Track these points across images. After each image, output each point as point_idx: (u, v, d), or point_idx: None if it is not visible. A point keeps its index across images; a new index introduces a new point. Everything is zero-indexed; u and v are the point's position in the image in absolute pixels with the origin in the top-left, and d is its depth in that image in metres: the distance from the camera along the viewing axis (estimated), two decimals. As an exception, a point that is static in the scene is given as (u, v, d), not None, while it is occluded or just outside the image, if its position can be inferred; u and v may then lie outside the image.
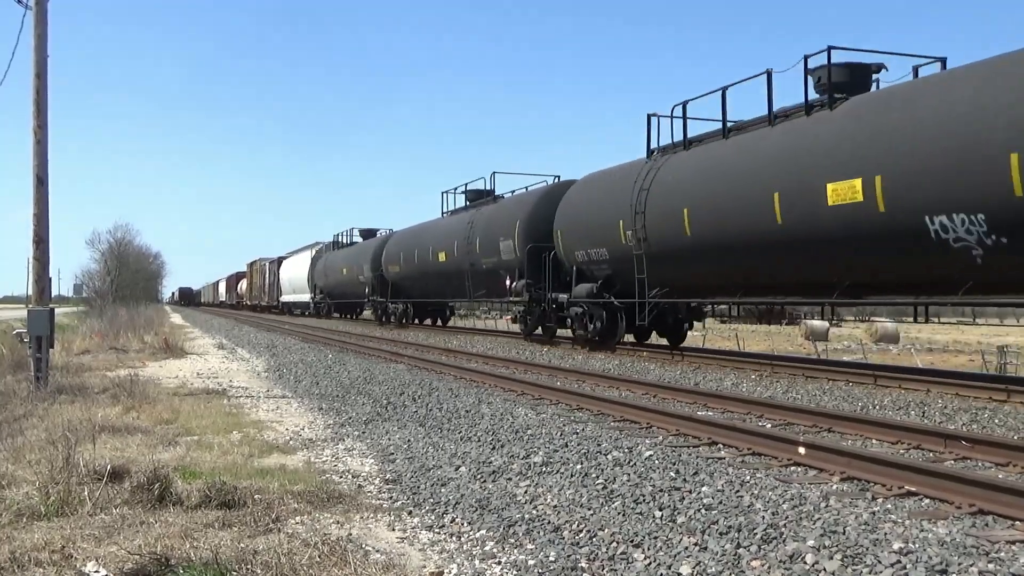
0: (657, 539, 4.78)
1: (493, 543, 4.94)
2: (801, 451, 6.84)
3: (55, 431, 7.46)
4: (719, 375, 13.75)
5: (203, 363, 19.23)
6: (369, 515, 5.59)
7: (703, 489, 5.80)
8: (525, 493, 6.03)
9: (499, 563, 4.59)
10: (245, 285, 78.04)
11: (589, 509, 5.52)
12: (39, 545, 4.68)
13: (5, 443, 7.78)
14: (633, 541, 4.78)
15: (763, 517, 5.04)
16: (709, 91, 16.04)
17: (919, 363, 25.42)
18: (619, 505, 5.55)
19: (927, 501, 5.53)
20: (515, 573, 4.43)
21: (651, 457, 6.91)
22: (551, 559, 4.56)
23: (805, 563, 4.24)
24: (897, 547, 4.37)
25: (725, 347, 17.64)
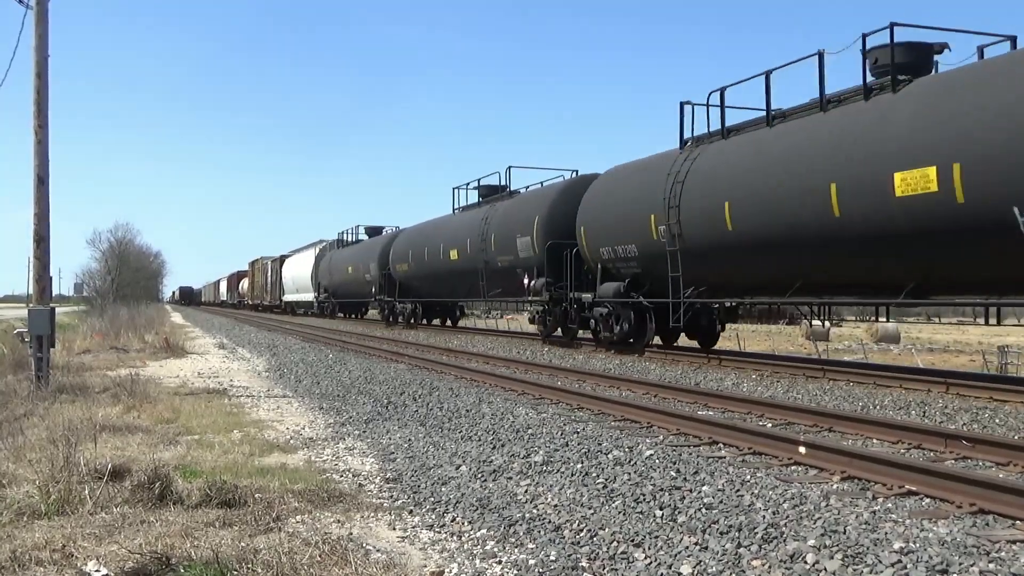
0: (658, 538, 4.78)
1: (494, 542, 4.94)
2: (802, 450, 6.84)
3: (56, 430, 7.46)
4: (719, 375, 13.75)
5: (204, 362, 19.24)
6: (370, 514, 5.59)
7: (704, 488, 5.80)
8: (526, 492, 6.03)
9: (500, 562, 4.59)
10: (247, 284, 77.50)
11: (590, 508, 5.52)
12: (40, 544, 4.68)
13: (6, 442, 7.77)
14: (634, 540, 4.78)
15: (764, 516, 5.04)
16: (750, 76, 15.01)
17: (920, 363, 25.42)
18: (620, 504, 5.56)
19: (928, 500, 5.53)
20: (516, 572, 4.43)
21: (652, 456, 6.91)
22: (552, 558, 4.56)
23: (806, 563, 4.24)
24: (898, 547, 4.37)
25: (725, 347, 17.56)
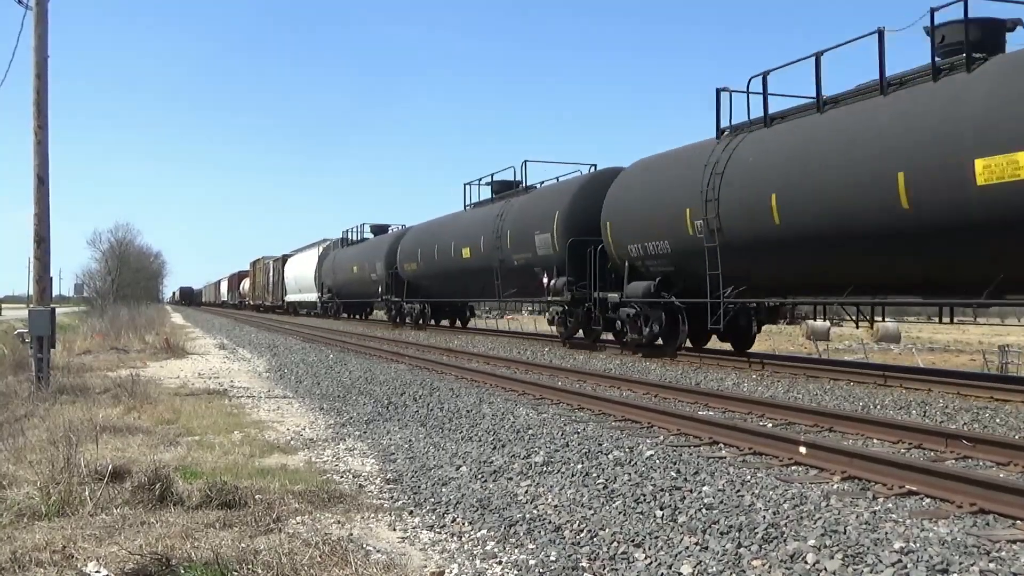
0: (658, 539, 4.78)
1: (494, 543, 4.94)
2: (802, 450, 6.84)
3: (56, 431, 7.47)
4: (720, 375, 13.75)
5: (204, 363, 19.24)
6: (370, 515, 5.59)
7: (704, 488, 5.80)
8: (526, 493, 6.03)
9: (500, 563, 4.59)
10: (248, 284, 77.02)
11: (590, 509, 5.52)
12: (40, 545, 4.68)
13: (6, 443, 7.78)
14: (634, 541, 4.78)
15: (764, 516, 5.04)
16: (796, 59, 13.93)
17: (920, 363, 25.43)
18: (620, 504, 5.55)
19: (928, 500, 5.53)
20: (516, 573, 4.43)
21: (652, 457, 6.91)
22: (552, 559, 4.56)
23: (806, 563, 4.24)
24: (898, 546, 4.37)
25: (725, 347, 17.53)
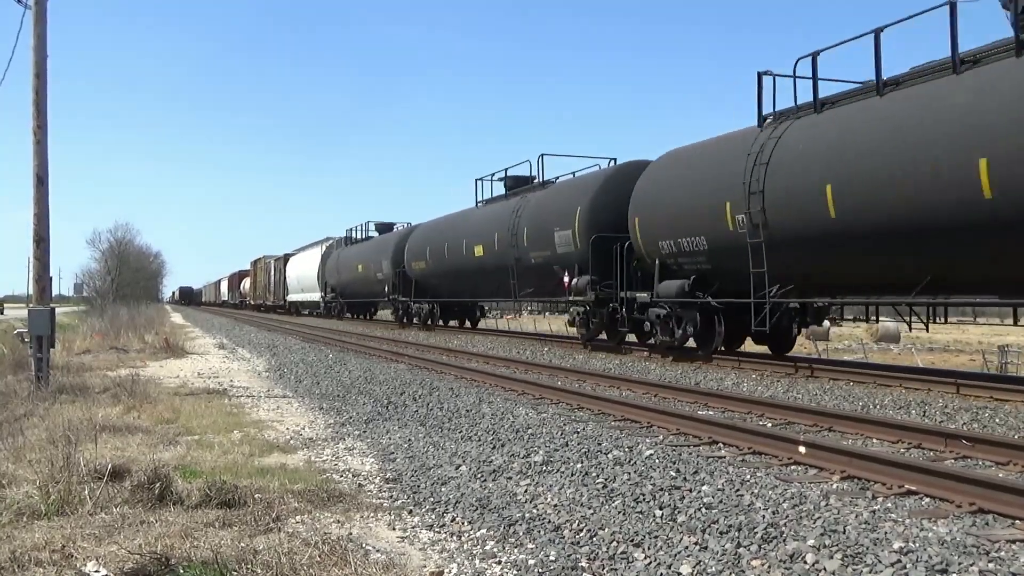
0: (657, 538, 4.78)
1: (493, 542, 4.94)
2: (801, 450, 6.84)
3: (56, 431, 7.46)
4: (719, 375, 13.75)
5: (204, 363, 19.24)
6: (369, 514, 5.59)
7: (703, 488, 5.80)
8: (525, 492, 6.03)
9: (499, 563, 4.59)
10: (249, 284, 76.56)
11: (589, 508, 5.52)
12: (39, 544, 4.68)
13: (6, 443, 7.78)
14: (633, 540, 4.78)
15: (763, 516, 5.04)
16: (851, 37, 12.92)
17: (919, 363, 25.43)
18: (619, 504, 5.56)
19: (927, 500, 5.53)
20: (515, 573, 4.43)
21: (651, 456, 6.91)
22: (551, 558, 4.56)
23: (805, 562, 4.24)
24: (897, 546, 4.37)
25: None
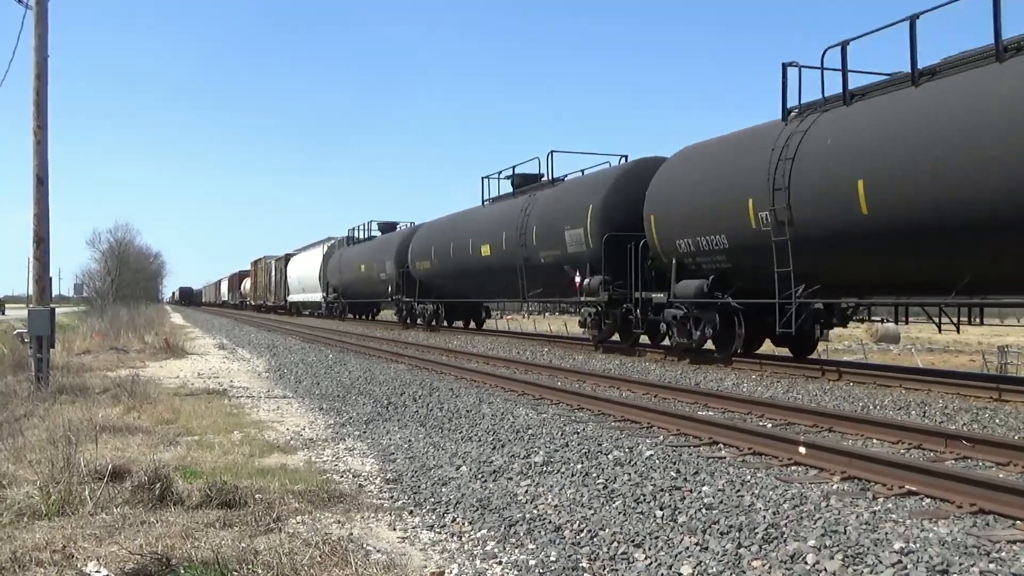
0: (658, 539, 4.78)
1: (494, 543, 4.94)
2: (802, 451, 6.84)
3: (56, 431, 7.46)
4: (719, 375, 13.75)
5: (204, 363, 19.24)
6: (370, 515, 5.59)
7: (704, 489, 5.80)
8: (526, 493, 6.03)
9: (500, 563, 4.59)
10: (249, 284, 76.14)
11: (590, 509, 5.52)
12: (40, 545, 4.68)
13: (6, 443, 7.78)
14: (634, 541, 4.78)
15: (764, 517, 5.04)
16: (883, 25, 12.31)
17: (919, 363, 25.43)
18: (620, 505, 5.56)
19: (928, 501, 5.53)
20: (516, 573, 4.43)
21: (652, 457, 6.91)
22: (552, 559, 4.56)
23: (806, 563, 4.24)
24: (898, 547, 4.37)
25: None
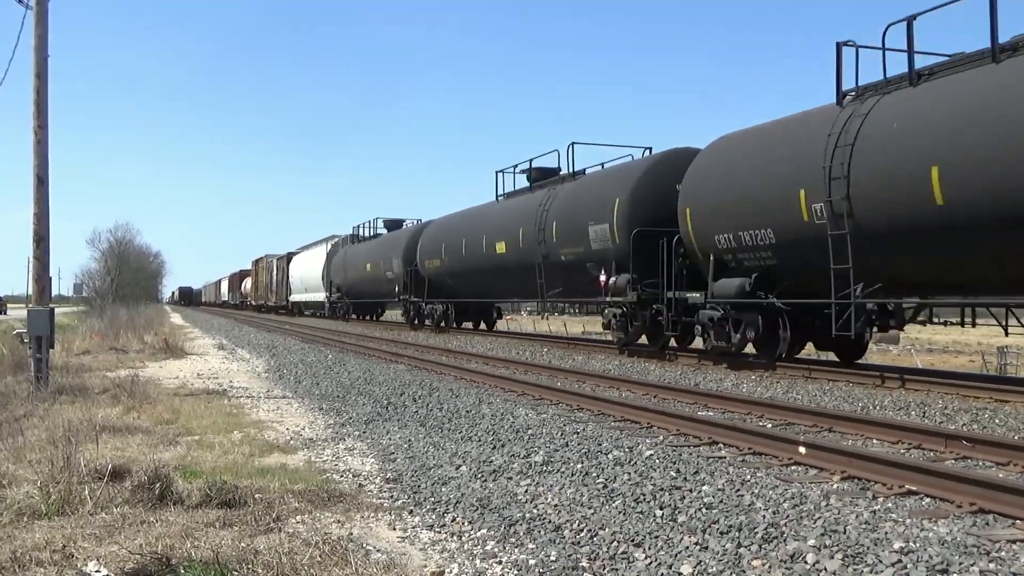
0: (658, 538, 4.78)
1: (494, 542, 4.94)
2: (802, 450, 6.84)
3: (56, 431, 7.47)
4: (719, 375, 13.75)
5: (203, 363, 19.24)
6: (370, 514, 5.59)
7: (704, 488, 5.80)
8: (526, 492, 6.03)
9: (500, 563, 4.59)
10: (250, 284, 75.46)
11: (590, 508, 5.52)
12: (40, 544, 4.68)
13: (6, 443, 7.77)
14: (634, 540, 4.78)
15: (764, 516, 5.04)
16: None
17: (919, 364, 25.44)
18: (620, 504, 5.56)
19: (928, 500, 5.53)
20: (516, 572, 4.43)
21: (652, 456, 6.91)
22: (552, 558, 4.56)
23: (806, 562, 4.24)
24: (898, 546, 4.38)
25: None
